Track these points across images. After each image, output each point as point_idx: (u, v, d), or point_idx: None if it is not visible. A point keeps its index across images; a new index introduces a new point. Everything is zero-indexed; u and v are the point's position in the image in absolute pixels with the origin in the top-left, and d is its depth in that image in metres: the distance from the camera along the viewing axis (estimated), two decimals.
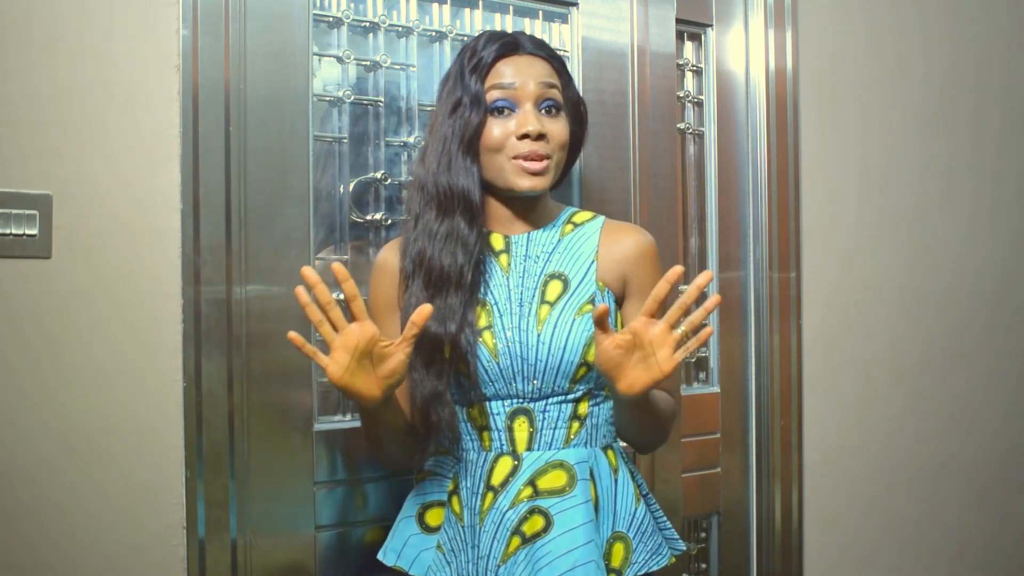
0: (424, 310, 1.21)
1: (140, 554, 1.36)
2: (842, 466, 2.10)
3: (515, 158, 1.35)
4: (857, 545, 2.14)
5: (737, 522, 2.00)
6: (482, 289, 1.37)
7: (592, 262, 1.40)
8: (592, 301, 1.37)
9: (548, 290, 1.38)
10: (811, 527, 2.04)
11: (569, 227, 1.44)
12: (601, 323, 1.21)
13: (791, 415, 2.01)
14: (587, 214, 1.47)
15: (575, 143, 1.46)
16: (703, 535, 1.99)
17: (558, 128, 1.37)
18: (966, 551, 2.33)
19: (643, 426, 1.39)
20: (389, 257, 1.43)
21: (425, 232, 1.36)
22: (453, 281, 1.33)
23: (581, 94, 1.49)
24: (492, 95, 1.36)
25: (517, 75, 1.36)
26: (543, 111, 1.37)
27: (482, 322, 1.35)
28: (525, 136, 1.34)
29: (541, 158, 1.35)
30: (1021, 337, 2.42)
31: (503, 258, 1.41)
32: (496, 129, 1.35)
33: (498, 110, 1.36)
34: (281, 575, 1.47)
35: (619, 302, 1.43)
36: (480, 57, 1.37)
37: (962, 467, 2.32)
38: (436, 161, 1.37)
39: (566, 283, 1.38)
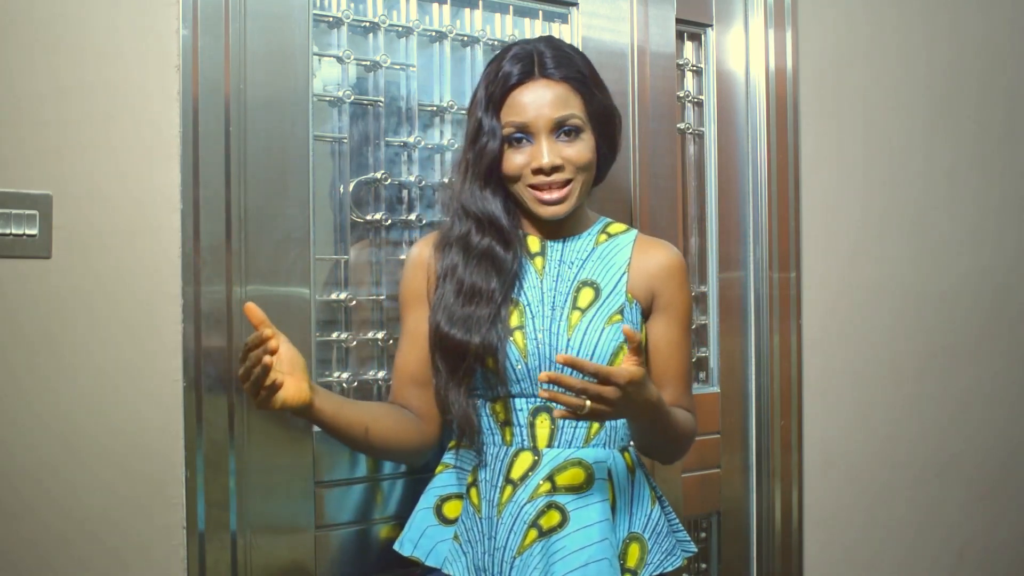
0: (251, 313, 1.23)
1: (140, 554, 1.36)
2: (842, 466, 2.10)
3: (531, 187, 1.38)
4: (857, 545, 2.14)
5: (737, 522, 1.99)
6: (516, 289, 1.40)
7: (624, 274, 1.43)
8: (621, 312, 1.40)
9: (580, 296, 1.41)
10: (811, 527, 2.04)
11: (603, 237, 1.48)
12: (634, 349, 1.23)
13: (791, 415, 2.01)
14: (621, 226, 1.50)
15: (606, 152, 1.46)
16: (703, 535, 1.99)
17: (576, 152, 1.38)
18: (967, 551, 2.33)
19: (658, 443, 1.43)
20: (424, 251, 1.46)
21: (461, 242, 1.40)
22: (484, 297, 1.37)
23: None
24: (507, 130, 1.38)
25: (529, 108, 1.37)
26: (560, 136, 1.38)
27: (514, 322, 1.38)
28: (539, 170, 1.36)
29: (560, 187, 1.37)
30: (1023, 337, 2.42)
31: (538, 260, 1.44)
32: (512, 159, 1.38)
33: (516, 140, 1.38)
34: (281, 575, 1.47)
35: (645, 315, 1.46)
36: (497, 85, 1.39)
37: (963, 467, 2.32)
38: (461, 186, 1.42)
39: (598, 291, 1.42)
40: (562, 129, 1.37)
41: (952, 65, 2.29)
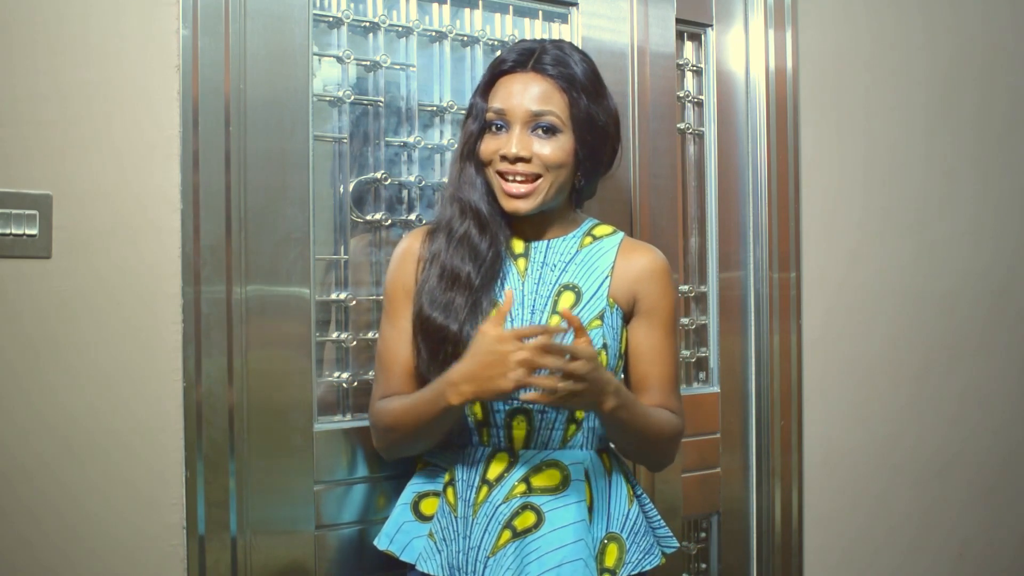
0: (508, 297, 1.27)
1: (140, 554, 1.36)
2: (842, 466, 2.10)
3: (499, 174, 1.38)
4: (857, 545, 2.14)
5: (737, 522, 1.99)
6: (496, 291, 1.40)
7: (606, 278, 1.43)
8: (601, 316, 1.40)
9: (561, 300, 1.41)
10: (811, 527, 2.04)
11: (588, 239, 1.47)
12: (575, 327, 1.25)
13: (791, 415, 2.01)
14: (607, 228, 1.49)
15: (585, 161, 1.41)
16: (703, 535, 1.99)
17: (548, 149, 1.36)
18: (967, 551, 2.33)
19: (634, 442, 1.40)
20: (413, 244, 1.46)
21: (446, 228, 1.41)
22: (462, 282, 1.37)
23: None
24: (488, 115, 1.39)
25: (509, 97, 1.38)
26: (536, 132, 1.37)
27: None
28: (505, 157, 1.37)
29: (525, 180, 1.36)
30: (1022, 337, 2.42)
31: (521, 262, 1.44)
32: (488, 144, 1.39)
33: (497, 126, 1.39)
34: (281, 575, 1.47)
35: (627, 319, 1.45)
36: (491, 70, 1.41)
37: (963, 467, 2.32)
38: (451, 168, 1.44)
39: (579, 295, 1.41)
40: (539, 124, 1.37)
41: (952, 65, 2.29)
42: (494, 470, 1.37)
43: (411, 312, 1.42)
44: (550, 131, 1.37)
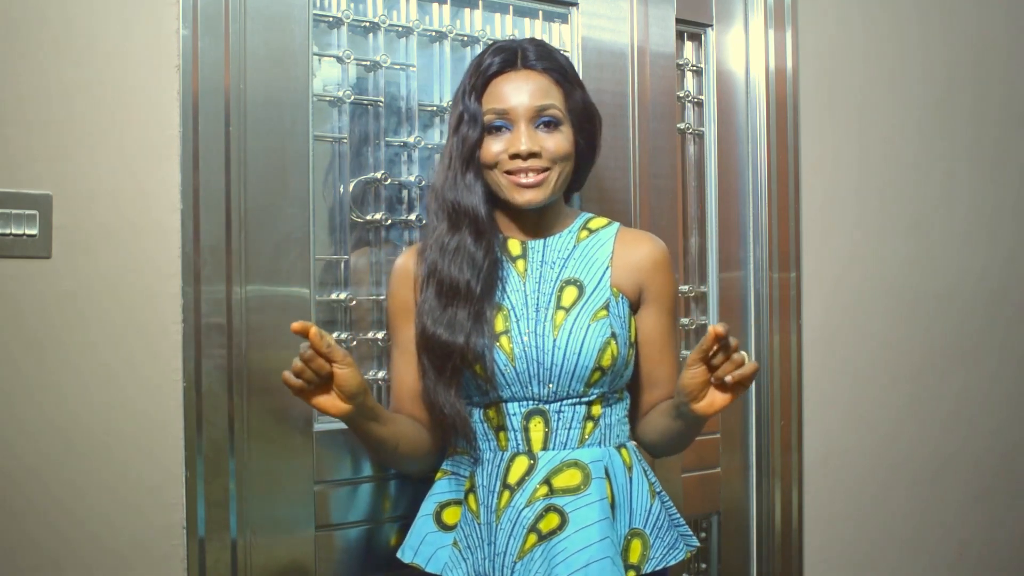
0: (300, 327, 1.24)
1: (140, 554, 1.36)
2: (842, 466, 2.10)
3: (507, 173, 1.38)
4: (857, 545, 2.14)
5: (737, 522, 1.99)
6: (499, 294, 1.40)
7: (607, 268, 1.43)
8: (607, 307, 1.40)
9: (564, 296, 1.41)
10: (811, 527, 2.04)
11: (584, 233, 1.47)
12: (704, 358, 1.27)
13: (791, 415, 2.01)
14: (602, 220, 1.50)
15: (586, 149, 1.47)
16: (703, 535, 1.99)
17: (554, 142, 1.39)
18: (966, 551, 2.33)
19: (691, 438, 1.48)
20: (407, 263, 1.47)
21: (437, 243, 1.41)
22: (462, 294, 1.37)
23: None
24: (488, 117, 1.39)
25: (510, 96, 1.39)
26: (539, 127, 1.39)
27: (499, 327, 1.38)
28: (516, 155, 1.37)
29: (536, 172, 1.38)
30: (1020, 337, 2.43)
31: (520, 263, 1.44)
32: (491, 146, 1.39)
33: (496, 128, 1.39)
34: (281, 575, 1.47)
35: (633, 308, 1.46)
36: (479, 75, 1.41)
37: (962, 466, 2.32)
38: (443, 176, 1.42)
39: (581, 289, 1.41)
40: (541, 119, 1.39)
41: (950, 65, 2.29)
42: (514, 474, 1.37)
43: (410, 329, 1.42)
44: (553, 124, 1.39)
